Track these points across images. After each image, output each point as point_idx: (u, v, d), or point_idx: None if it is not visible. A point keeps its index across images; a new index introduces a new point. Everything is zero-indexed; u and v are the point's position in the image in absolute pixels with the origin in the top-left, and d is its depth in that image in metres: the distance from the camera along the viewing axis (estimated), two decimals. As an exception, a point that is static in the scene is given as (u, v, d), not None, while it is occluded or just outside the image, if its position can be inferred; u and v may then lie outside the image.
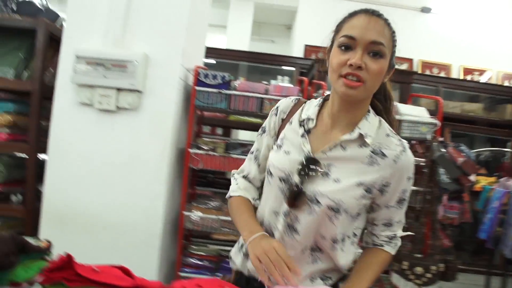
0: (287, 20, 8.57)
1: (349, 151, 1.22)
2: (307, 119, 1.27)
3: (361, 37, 1.14)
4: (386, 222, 1.31)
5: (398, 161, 1.21)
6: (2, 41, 2.75)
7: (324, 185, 1.19)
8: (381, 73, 1.17)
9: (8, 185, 2.68)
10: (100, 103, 2.39)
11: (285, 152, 1.27)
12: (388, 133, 1.26)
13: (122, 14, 2.41)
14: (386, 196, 1.25)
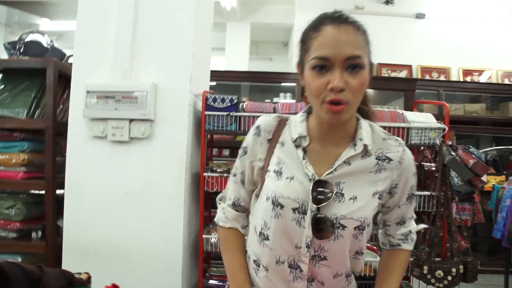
0: (283, 37, 8.70)
1: (353, 164, 1.18)
2: (299, 138, 1.21)
3: (336, 55, 1.06)
4: (399, 221, 1.32)
5: (402, 162, 1.21)
6: (13, 82, 2.83)
7: (343, 207, 1.14)
8: (364, 85, 1.11)
9: (27, 222, 2.73)
10: (113, 135, 2.44)
11: (288, 178, 1.18)
12: (383, 137, 1.24)
13: (129, 47, 2.47)
14: (395, 197, 1.25)
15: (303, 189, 1.15)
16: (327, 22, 1.09)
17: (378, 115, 1.35)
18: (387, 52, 6.56)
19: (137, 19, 2.50)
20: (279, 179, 1.19)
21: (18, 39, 3.03)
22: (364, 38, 1.12)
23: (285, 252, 1.18)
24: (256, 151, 1.27)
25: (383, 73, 6.52)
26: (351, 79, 1.06)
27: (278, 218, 1.16)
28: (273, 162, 1.23)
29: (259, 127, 1.28)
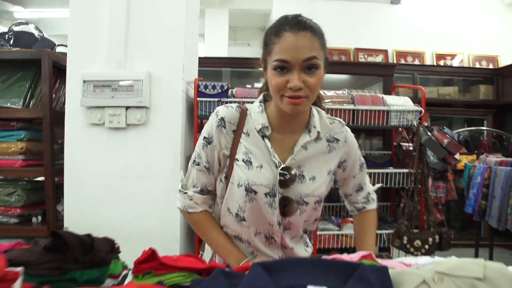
0: (261, 23, 8.78)
1: (310, 149, 1.36)
2: (263, 128, 1.34)
3: (294, 58, 1.19)
4: (358, 188, 1.54)
5: (347, 140, 1.43)
6: (6, 73, 2.89)
7: (305, 186, 1.32)
8: (319, 82, 1.24)
9: (28, 208, 2.82)
10: (110, 122, 2.54)
11: (259, 167, 1.32)
12: (329, 121, 1.42)
13: (122, 37, 2.57)
14: (348, 169, 1.47)
15: (272, 175, 1.31)
16: (286, 29, 1.22)
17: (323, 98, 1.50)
18: (364, 37, 6.75)
19: (129, 10, 2.59)
20: (249, 168, 1.32)
21: (8, 30, 3.07)
22: (320, 41, 1.24)
23: (260, 227, 1.37)
24: (222, 141, 1.36)
25: (360, 57, 6.71)
26: (308, 78, 1.21)
27: (252, 202, 1.32)
28: (241, 152, 1.34)
29: (223, 119, 1.36)
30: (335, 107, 2.75)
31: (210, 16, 7.75)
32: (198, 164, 1.41)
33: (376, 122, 2.78)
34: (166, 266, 1.00)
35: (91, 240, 0.99)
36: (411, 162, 2.83)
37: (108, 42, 2.58)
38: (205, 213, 1.44)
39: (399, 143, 3.21)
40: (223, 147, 1.37)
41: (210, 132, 1.38)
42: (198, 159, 1.41)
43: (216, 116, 1.38)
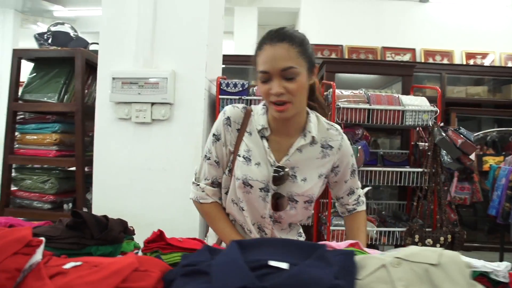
0: (290, 21, 8.83)
1: (304, 152, 1.46)
2: (262, 129, 1.45)
3: (272, 69, 1.31)
4: (349, 192, 1.63)
5: (341, 147, 1.51)
6: (44, 70, 3.11)
7: (296, 186, 1.44)
8: (301, 88, 1.34)
9: (60, 195, 3.04)
10: (137, 117, 2.71)
11: (256, 164, 1.44)
12: (327, 127, 1.51)
13: (149, 37, 2.73)
14: (339, 175, 1.56)
15: (267, 173, 1.43)
16: (266, 42, 1.34)
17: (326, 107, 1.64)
18: (391, 36, 6.73)
19: (156, 11, 2.75)
20: (248, 164, 1.44)
21: (47, 30, 3.29)
22: (298, 50, 1.33)
23: (254, 219, 1.50)
24: (227, 138, 1.49)
25: (387, 56, 6.71)
26: (288, 84, 1.31)
27: (248, 194, 1.45)
28: (242, 149, 1.46)
29: (229, 118, 1.49)
30: (350, 106, 2.84)
31: (239, 15, 7.87)
32: (209, 158, 1.53)
33: (391, 122, 2.85)
34: (172, 246, 1.13)
35: (106, 220, 1.13)
36: (425, 161, 2.89)
37: (136, 41, 2.74)
38: (215, 204, 1.57)
39: (416, 142, 3.27)
40: (228, 144, 1.49)
41: (218, 130, 1.51)
42: (209, 154, 1.54)
43: (223, 115, 1.50)
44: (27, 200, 3.05)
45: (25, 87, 3.11)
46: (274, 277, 0.73)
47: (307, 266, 0.75)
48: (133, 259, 0.83)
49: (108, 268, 0.79)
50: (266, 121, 1.46)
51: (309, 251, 0.82)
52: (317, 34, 6.90)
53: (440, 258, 0.85)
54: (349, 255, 0.86)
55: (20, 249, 0.82)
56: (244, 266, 0.74)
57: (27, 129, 3.07)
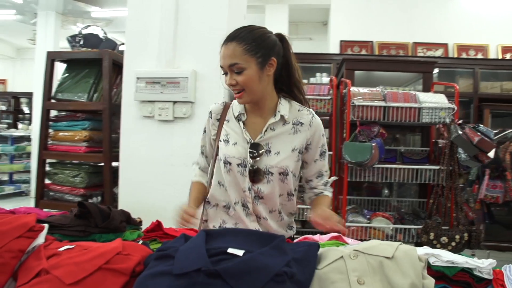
0: (322, 17, 8.83)
1: (276, 130, 1.63)
2: (239, 115, 1.67)
3: (224, 65, 1.56)
4: (318, 175, 1.74)
5: (311, 123, 1.65)
6: (75, 70, 3.30)
7: (270, 159, 1.60)
8: (250, 79, 1.53)
9: (89, 189, 3.23)
10: (159, 115, 2.85)
11: (233, 144, 1.64)
12: (299, 109, 1.67)
13: (171, 39, 2.85)
14: (310, 152, 1.68)
15: (243, 150, 1.62)
16: (223, 43, 1.58)
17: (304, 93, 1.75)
18: (423, 30, 6.63)
19: (177, 14, 2.87)
20: (227, 145, 1.66)
21: (78, 33, 3.48)
22: (244, 48, 1.53)
23: (238, 196, 1.65)
24: (210, 128, 1.76)
25: (419, 52, 6.63)
26: (237, 77, 1.53)
27: (229, 172, 1.63)
28: (223, 134, 1.69)
29: (211, 112, 1.77)
30: (365, 103, 2.88)
31: (270, 12, 7.93)
32: (201, 149, 1.85)
33: (407, 119, 2.88)
34: (168, 235, 1.24)
35: (109, 211, 1.25)
36: (442, 159, 2.90)
37: (159, 42, 2.88)
38: (198, 183, 1.82)
39: (436, 140, 3.27)
40: (212, 133, 1.75)
41: (205, 125, 1.81)
42: (201, 147, 1.85)
43: (208, 113, 1.79)
44: (59, 193, 3.25)
45: (58, 87, 3.32)
46: (228, 262, 0.82)
47: (259, 254, 0.84)
48: (118, 244, 0.95)
49: (95, 251, 0.90)
50: (243, 108, 1.68)
51: (267, 241, 0.91)
52: (348, 30, 6.90)
53: (395, 251, 0.92)
54: (312, 246, 0.94)
55: (24, 233, 0.95)
56: (203, 252, 0.83)
57: (60, 127, 3.28)
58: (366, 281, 0.86)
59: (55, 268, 0.87)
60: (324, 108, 3.08)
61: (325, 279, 0.88)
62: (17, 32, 11.02)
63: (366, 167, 2.86)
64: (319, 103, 3.08)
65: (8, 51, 13.61)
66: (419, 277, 0.87)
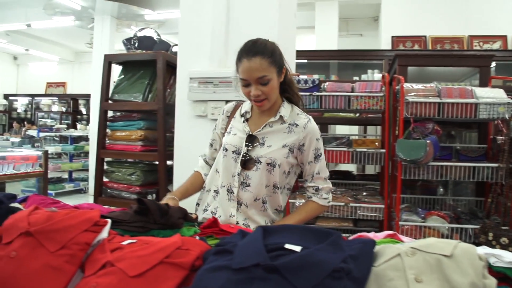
0: (373, 13, 8.69)
1: (274, 127, 1.83)
2: (245, 112, 1.90)
3: (250, 78, 1.71)
4: (311, 177, 1.88)
5: (306, 127, 1.82)
6: (131, 72, 3.42)
7: (262, 150, 1.79)
8: (273, 89, 1.73)
9: (144, 187, 3.34)
10: (212, 114, 2.89)
11: (233, 134, 1.87)
12: (298, 113, 1.87)
13: (223, 39, 2.90)
14: (304, 154, 1.83)
15: (240, 140, 1.83)
16: (243, 56, 1.75)
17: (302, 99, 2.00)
18: (479, 23, 6.37)
19: (228, 14, 2.91)
20: (229, 135, 1.89)
21: (133, 35, 3.60)
22: (270, 60, 1.71)
23: (226, 179, 1.84)
24: (219, 124, 2.03)
25: (475, 45, 6.38)
26: (263, 88, 1.71)
27: (224, 157, 1.85)
28: (228, 128, 1.94)
29: (224, 110, 2.03)
30: (419, 100, 2.81)
31: (320, 9, 7.90)
32: (211, 142, 2.09)
33: (463, 115, 2.78)
34: (224, 232, 1.27)
35: (167, 208, 1.30)
36: (501, 156, 2.79)
37: (211, 42, 2.93)
38: (196, 173, 2.10)
39: (495, 136, 3.14)
40: (221, 128, 2.01)
41: (217, 121, 2.07)
42: (211, 140, 2.09)
43: (222, 110, 2.06)
44: (116, 191, 3.38)
45: (115, 88, 3.45)
46: (286, 257, 0.84)
47: (316, 250, 0.85)
48: (177, 239, 0.98)
49: (156, 246, 0.94)
50: (249, 108, 1.91)
51: (324, 237, 0.91)
52: (399, 26, 6.75)
53: (454, 249, 0.90)
54: (368, 243, 0.94)
55: (89, 227, 1.01)
56: (262, 247, 0.85)
57: (116, 126, 3.41)
58: (424, 279, 0.85)
59: (119, 261, 0.92)
60: (376, 106, 3.03)
61: (382, 276, 0.87)
62: (75, 36, 11.56)
63: (420, 164, 2.79)
64: (372, 100, 3.03)
65: (67, 55, 14.26)
66: (479, 276, 0.85)
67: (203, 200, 2.00)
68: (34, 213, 1.06)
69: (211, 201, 1.93)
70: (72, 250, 0.96)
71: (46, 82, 14.75)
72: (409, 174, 2.89)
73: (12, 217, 1.07)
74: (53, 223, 0.99)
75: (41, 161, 5.45)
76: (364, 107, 3.06)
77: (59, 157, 9.18)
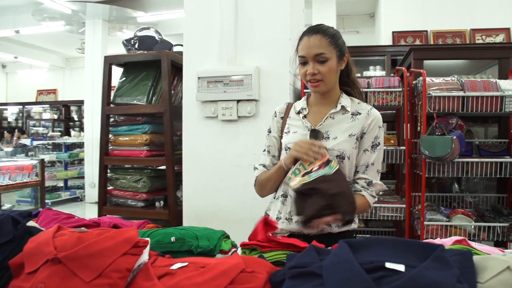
0: (369, 9, 8.61)
1: (336, 118, 1.73)
2: (301, 109, 1.80)
3: (308, 54, 1.64)
4: (364, 167, 1.73)
5: (370, 114, 1.73)
6: (132, 73, 3.25)
7: (328, 143, 1.68)
8: (331, 70, 1.65)
9: (152, 193, 3.17)
10: (223, 115, 2.74)
11: (293, 132, 1.77)
12: (359, 102, 1.78)
13: (232, 36, 2.75)
14: (364, 141, 1.72)
15: (303, 136, 1.73)
16: (304, 34, 1.68)
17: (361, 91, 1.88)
18: (481, 15, 6.26)
19: (237, 9, 2.76)
20: (288, 134, 1.79)
21: (133, 36, 3.43)
22: (329, 40, 1.64)
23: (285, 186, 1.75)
24: (274, 126, 1.89)
25: (477, 39, 6.28)
26: (320, 67, 1.64)
27: None
28: (285, 128, 1.83)
29: (275, 112, 1.91)
30: (442, 94, 2.67)
31: (317, 6, 7.77)
32: (264, 150, 1.92)
33: (489, 109, 2.65)
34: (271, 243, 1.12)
35: None
36: (529, 150, 2.66)
37: (219, 40, 2.78)
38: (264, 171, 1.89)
39: (517, 130, 3.02)
40: (276, 130, 1.88)
41: (269, 125, 1.92)
42: (265, 147, 1.92)
43: (273, 113, 1.92)
44: (122, 199, 3.21)
45: (116, 91, 3.27)
46: (391, 280, 0.68)
47: (426, 269, 0.70)
48: (239, 260, 0.82)
49: (215, 269, 0.78)
50: (305, 104, 1.82)
51: (425, 251, 0.76)
52: (399, 21, 6.63)
53: None
54: (466, 255, 0.79)
55: (129, 249, 0.84)
56: (359, 269, 0.70)
57: (120, 131, 3.23)
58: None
59: (174, 291, 0.76)
60: (395, 101, 2.89)
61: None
62: (65, 42, 11.33)
63: (446, 161, 2.65)
64: (389, 96, 2.89)
65: (57, 61, 14.02)
66: None
67: (273, 209, 1.86)
68: (59, 234, 0.90)
69: (281, 208, 1.78)
70: (112, 278, 0.79)
71: (36, 89, 14.49)
72: (433, 171, 2.75)
73: (34, 240, 0.90)
74: (86, 246, 0.82)
75: (37, 170, 5.27)
76: (382, 103, 2.92)
77: (52, 165, 8.96)
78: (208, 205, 2.83)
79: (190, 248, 1.12)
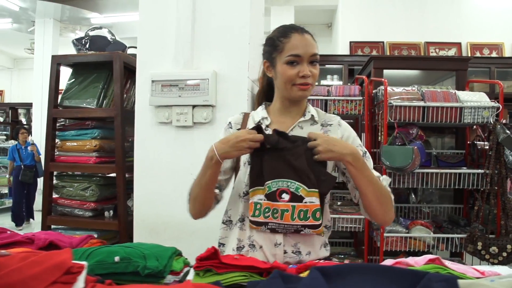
0: (326, 19, 8.69)
1: (305, 128, 1.56)
2: (262, 119, 1.60)
3: (305, 53, 1.46)
4: None
5: (341, 124, 1.60)
6: (82, 75, 3.05)
7: None
8: (317, 74, 1.51)
9: (101, 202, 2.98)
10: (177, 121, 2.60)
11: None
12: (324, 113, 1.65)
13: (189, 38, 2.62)
14: None
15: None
16: (293, 31, 1.49)
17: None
18: (434, 29, 6.43)
19: (195, 11, 2.64)
20: None
21: (85, 35, 3.24)
22: (316, 43, 1.51)
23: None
24: None
25: (431, 52, 6.42)
26: (313, 69, 1.49)
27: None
28: None
29: (230, 122, 1.68)
30: (403, 104, 2.64)
31: (275, 14, 7.76)
32: None
33: (449, 120, 2.65)
34: (227, 265, 1.00)
35: None
36: (487, 162, 2.66)
37: (175, 42, 2.64)
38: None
39: (474, 141, 3.04)
40: None
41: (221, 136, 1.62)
42: None
43: (226, 124, 1.69)
44: (68, 208, 3.00)
45: (64, 93, 3.07)
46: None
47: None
48: (191, 290, 0.70)
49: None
50: (265, 113, 1.62)
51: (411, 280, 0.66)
52: (356, 31, 6.71)
53: None
54: (451, 281, 0.70)
55: (60, 277, 0.70)
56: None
57: (67, 136, 3.03)
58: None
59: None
60: (355, 110, 2.84)
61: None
62: (13, 41, 10.79)
63: (406, 172, 2.62)
64: (350, 105, 2.84)
65: (4, 61, 13.36)
66: None
67: (230, 237, 1.63)
68: (-26, 256, 0.74)
69: (241, 235, 1.54)
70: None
71: (-19, 91, 13.79)
72: (393, 182, 2.71)
73: None
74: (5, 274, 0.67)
75: (-23, 176, 4.92)
76: (342, 112, 2.86)
77: (-7, 171, 8.49)
78: (160, 215, 2.67)
79: (136, 269, 0.98)
